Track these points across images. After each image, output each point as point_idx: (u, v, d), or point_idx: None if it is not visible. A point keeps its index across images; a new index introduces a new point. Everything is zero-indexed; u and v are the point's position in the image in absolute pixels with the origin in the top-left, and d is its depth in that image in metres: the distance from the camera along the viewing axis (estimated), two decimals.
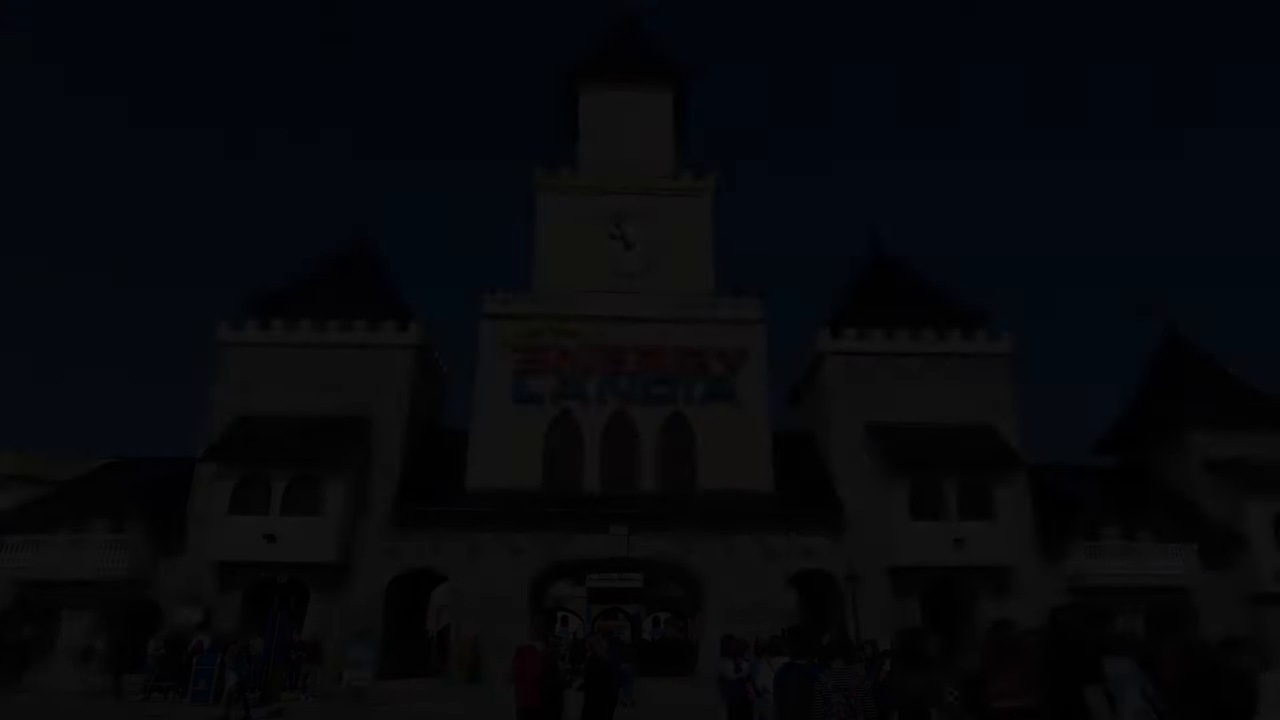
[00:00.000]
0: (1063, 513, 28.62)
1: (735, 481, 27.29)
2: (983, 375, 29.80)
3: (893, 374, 29.45)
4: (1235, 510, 29.93)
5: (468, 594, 25.34)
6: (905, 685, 7.12)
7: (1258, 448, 31.81)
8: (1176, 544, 27.99)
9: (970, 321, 31.44)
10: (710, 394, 28.22)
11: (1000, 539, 26.34)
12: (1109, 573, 26.89)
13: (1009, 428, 28.97)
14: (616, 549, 25.80)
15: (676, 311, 29.06)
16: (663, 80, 34.66)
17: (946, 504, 26.57)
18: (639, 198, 31.35)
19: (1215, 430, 32.02)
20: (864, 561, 26.56)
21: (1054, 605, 25.14)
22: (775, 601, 25.98)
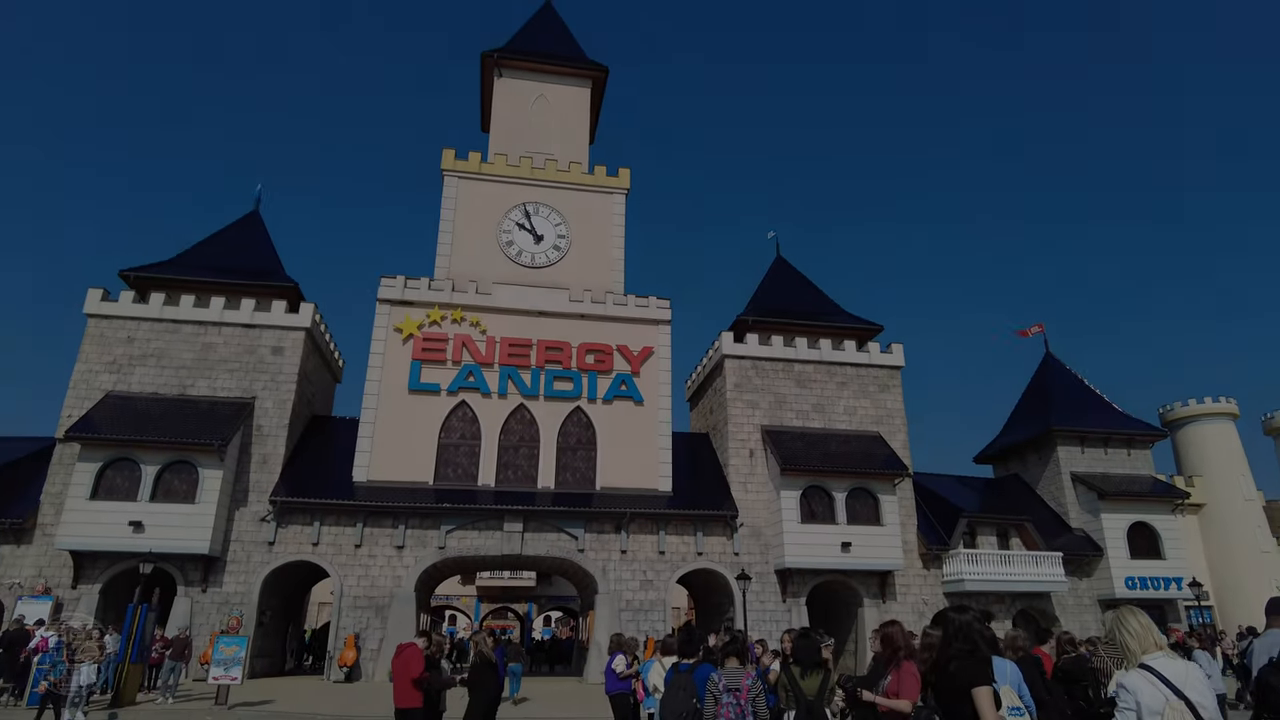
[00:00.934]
0: (944, 520, 29.93)
1: (634, 480, 27.22)
2: (875, 385, 30.85)
3: (791, 380, 30.11)
4: (1095, 521, 32.14)
5: (350, 590, 24.21)
6: (798, 686, 7.07)
7: (1114, 464, 34.33)
8: (1045, 552, 29.69)
9: (865, 334, 32.55)
10: (614, 392, 28.06)
11: (886, 543, 27.23)
12: (985, 577, 28.26)
13: (898, 437, 30.07)
14: (510, 547, 25.22)
15: (583, 307, 28.77)
16: (582, 73, 34.33)
17: (836, 508, 27.28)
18: (551, 190, 30.90)
19: (1079, 446, 34.38)
20: (755, 562, 26.99)
21: (937, 607, 26.25)
22: (666, 600, 26.04)
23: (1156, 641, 3.92)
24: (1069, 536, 31.99)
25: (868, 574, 27.63)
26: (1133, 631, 3.90)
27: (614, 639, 12.55)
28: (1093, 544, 31.70)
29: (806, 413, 29.77)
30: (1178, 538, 32.49)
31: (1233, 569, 35.26)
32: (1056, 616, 29.68)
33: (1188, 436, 39.56)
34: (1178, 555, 32.00)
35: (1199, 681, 3.73)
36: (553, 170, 31.14)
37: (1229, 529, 36.26)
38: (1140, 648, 3.88)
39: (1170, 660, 3.79)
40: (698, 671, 7.89)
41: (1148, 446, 35.47)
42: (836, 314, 33.31)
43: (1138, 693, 3.71)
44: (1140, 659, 3.84)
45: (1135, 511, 32.29)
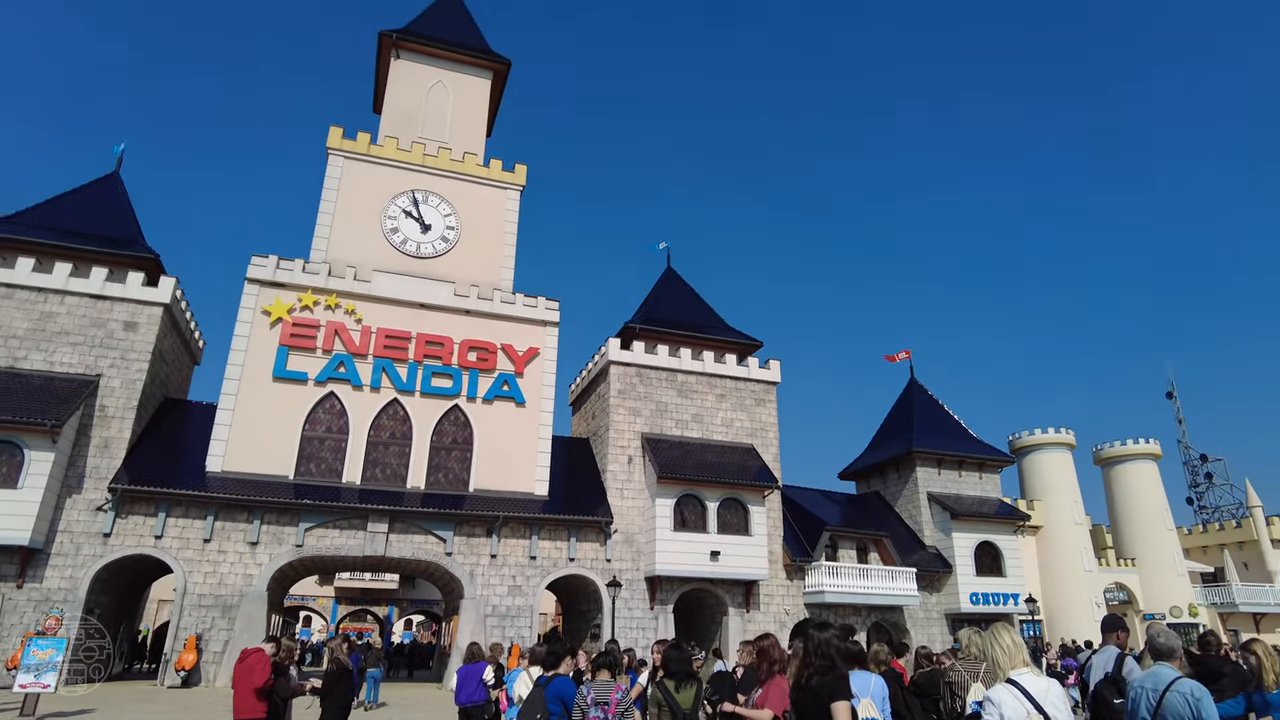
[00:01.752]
0: (809, 532, 30.96)
1: (509, 483, 26.70)
2: (752, 399, 31.60)
3: (673, 390, 30.41)
4: (946, 539, 34.11)
5: (195, 587, 22.50)
6: (674, 700, 7.01)
7: (967, 486, 36.61)
8: (901, 567, 31.20)
9: (746, 349, 33.33)
10: (495, 392, 27.45)
11: (753, 553, 27.86)
12: (844, 590, 29.38)
13: (770, 450, 30.89)
14: (374, 547, 24.15)
15: (469, 303, 28.02)
16: (484, 64, 33.52)
17: (708, 517, 27.70)
18: (443, 179, 29.97)
19: (936, 468, 36.47)
20: (627, 569, 27.03)
21: (798, 617, 26.99)
22: (534, 607, 25.66)
23: (1024, 659, 4.14)
24: (922, 553, 33.80)
25: (734, 583, 28.20)
26: (1004, 647, 4.15)
27: (472, 648, 12.16)
28: (943, 561, 33.61)
29: (686, 422, 30.14)
30: (1018, 557, 34.92)
31: (1061, 587, 38.23)
32: (908, 629, 31.25)
33: (1031, 463, 42.68)
34: (1017, 573, 34.39)
35: (1058, 698, 3.96)
36: (446, 159, 30.24)
37: (1060, 550, 39.31)
38: (1010, 663, 4.09)
39: (1035, 677, 4.01)
40: (550, 685, 7.70)
41: (997, 471, 38.03)
42: (721, 328, 33.95)
43: (1002, 705, 3.91)
44: (1009, 674, 4.04)
45: (983, 531, 34.50)
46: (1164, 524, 42.91)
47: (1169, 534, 42.71)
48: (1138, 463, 44.57)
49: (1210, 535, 47.30)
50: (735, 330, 34.03)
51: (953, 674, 7.41)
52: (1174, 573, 41.46)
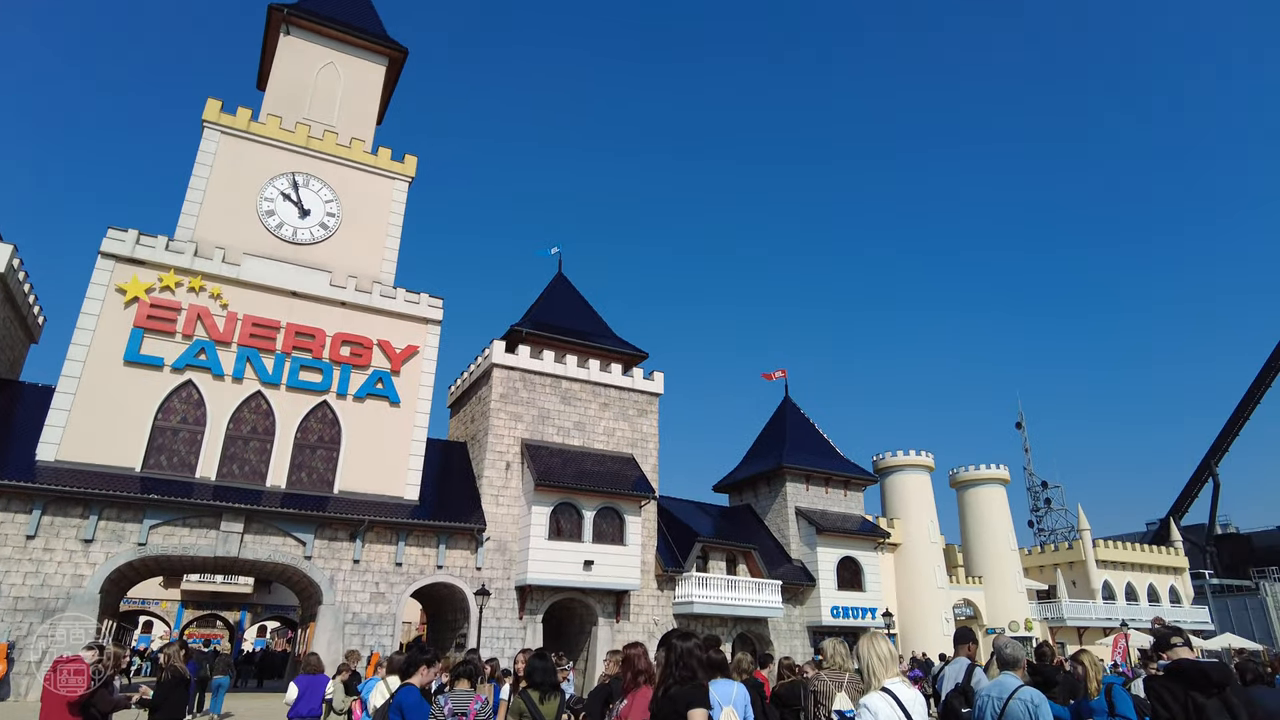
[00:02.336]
0: (681, 543, 31.34)
1: (378, 485, 25.68)
2: (634, 409, 31.76)
3: (557, 396, 30.15)
4: (812, 553, 35.32)
5: (11, 590, 20.30)
6: (538, 711, 6.83)
7: (833, 503, 38.09)
8: (767, 580, 32.03)
9: (631, 359, 33.50)
10: (368, 389, 26.35)
11: (627, 563, 27.92)
12: (713, 601, 29.87)
13: (649, 460, 31.11)
14: (227, 548, 22.60)
15: (346, 294, 26.81)
16: (380, 49, 32.27)
17: (584, 526, 27.57)
18: (326, 164, 28.62)
19: (805, 484, 37.77)
20: (497, 577, 26.50)
21: (668, 627, 27.25)
22: (398, 615, 24.74)
23: (898, 669, 4.40)
24: (788, 566, 34.87)
25: (606, 593, 28.15)
26: (881, 657, 4.37)
27: (311, 659, 11.54)
28: (808, 574, 34.78)
29: (568, 430, 29.93)
30: (877, 572, 36.58)
31: (915, 602, 40.26)
32: (771, 641, 32.11)
33: (893, 483, 44.83)
34: (876, 587, 36.01)
35: (921, 707, 4.26)
36: (332, 143, 28.91)
37: (916, 566, 41.43)
38: (885, 672, 4.32)
39: (905, 687, 4.25)
40: (398, 695, 7.40)
41: (861, 489, 39.77)
42: (608, 337, 34.00)
43: (877, 713, 4.15)
44: (884, 682, 4.27)
45: (846, 547, 35.94)
46: (1008, 545, 46.01)
47: (1012, 554, 45.83)
48: (988, 487, 47.63)
49: (1046, 556, 51.11)
50: (622, 340, 34.15)
51: (817, 683, 7.55)
52: (1014, 590, 44.51)
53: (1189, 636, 5.82)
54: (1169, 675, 4.93)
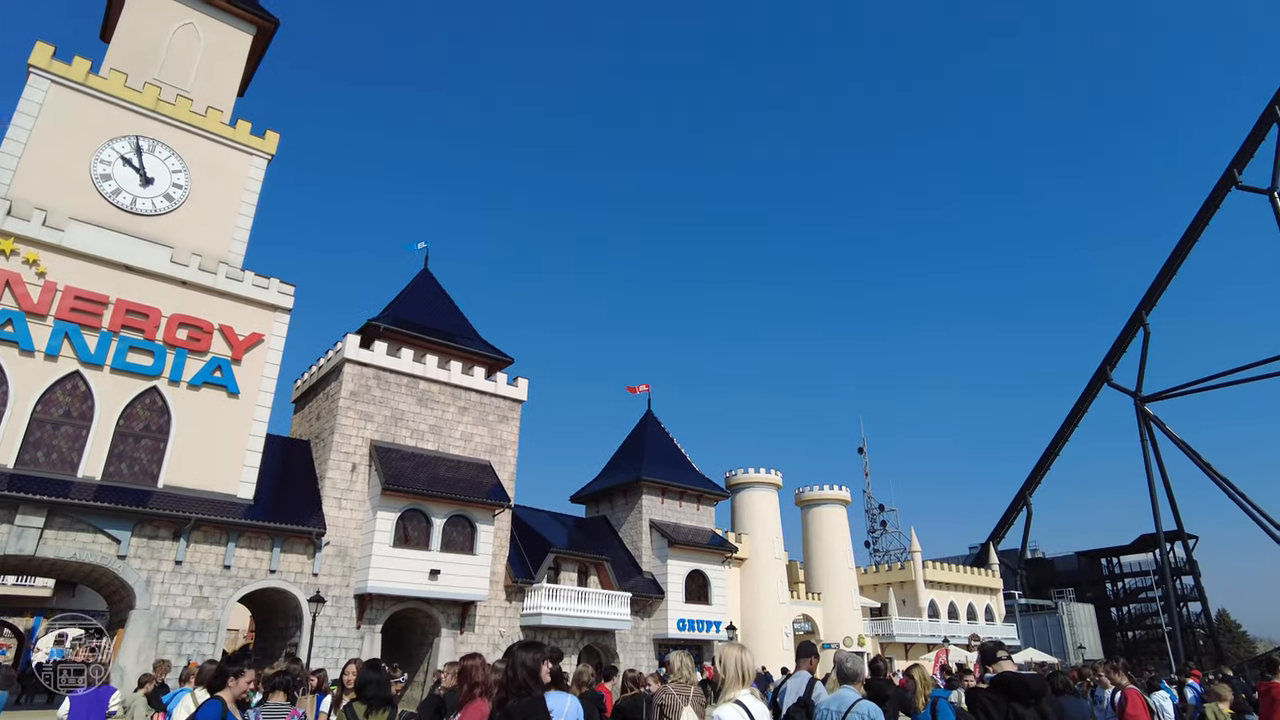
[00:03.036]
0: (534, 554, 30.92)
1: (209, 481, 23.74)
2: (495, 415, 31.11)
3: (413, 397, 29.06)
4: (663, 566, 35.76)
5: None
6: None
7: (686, 516, 38.78)
8: (618, 592, 32.11)
9: (496, 364, 32.85)
10: (205, 377, 24.36)
11: (476, 573, 27.20)
12: (562, 613, 29.59)
13: (507, 468, 30.53)
14: (21, 545, 20.14)
15: (187, 273, 24.71)
16: (248, 16, 30.06)
17: (432, 534, 26.65)
18: (177, 130, 26.35)
19: (661, 497, 38.26)
20: (335, 584, 25.15)
21: (514, 639, 26.69)
22: (222, 621, 22.93)
23: (750, 682, 4.43)
24: (639, 578, 35.13)
25: (451, 603, 27.31)
26: (744, 669, 4.36)
27: (91, 671, 10.47)
28: (657, 587, 35.17)
29: (423, 433, 28.90)
30: (723, 586, 37.48)
31: (757, 616, 41.55)
32: (618, 653, 32.18)
33: (743, 499, 46.20)
34: (721, 601, 36.87)
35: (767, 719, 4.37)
36: (185, 109, 26.68)
37: (760, 581, 42.81)
38: (741, 684, 4.33)
39: (755, 700, 4.28)
40: (200, 710, 6.79)
41: (714, 504, 40.73)
42: (472, 339, 33.18)
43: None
44: (736, 694, 4.26)
45: (695, 560, 36.63)
46: (846, 563, 48.43)
47: (849, 572, 48.28)
48: (830, 507, 50.03)
49: (880, 575, 54.20)
50: (487, 343, 33.43)
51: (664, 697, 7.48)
52: (850, 607, 46.88)
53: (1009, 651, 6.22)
54: (993, 686, 5.23)
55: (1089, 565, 76.16)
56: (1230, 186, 55.44)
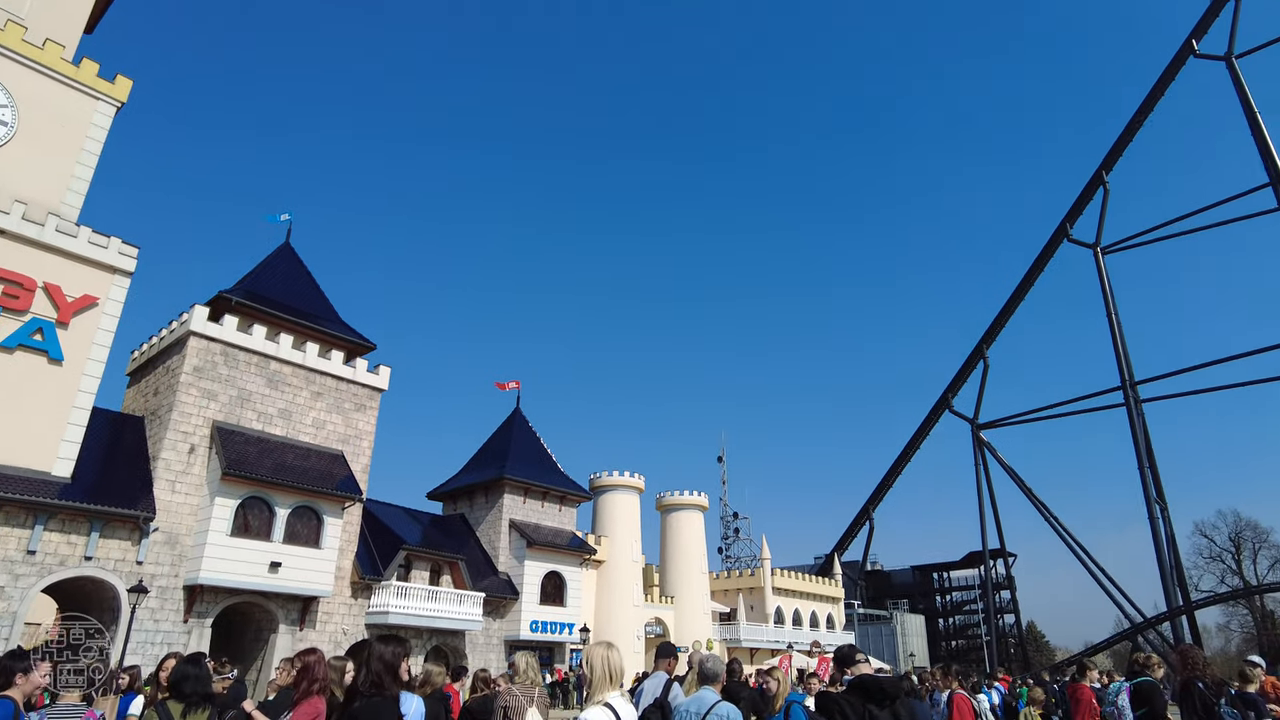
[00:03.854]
0: (385, 550, 29.67)
1: (18, 456, 21.22)
2: (352, 403, 29.66)
3: (263, 378, 27.23)
4: (519, 566, 35.22)
5: None
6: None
7: (547, 517, 38.43)
8: (471, 592, 31.32)
9: (357, 349, 31.34)
10: (21, 339, 21.79)
11: (320, 567, 25.78)
12: (411, 612, 28.53)
13: (361, 460, 29.16)
14: None
15: (8, 220, 22.02)
16: None
17: (275, 524, 25.05)
18: (7, 60, 23.51)
19: (523, 497, 37.73)
20: (163, 574, 23.15)
21: (357, 638, 25.46)
22: (19, 614, 20.56)
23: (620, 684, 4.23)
24: (494, 579, 34.45)
25: (292, 598, 25.75)
26: (614, 670, 4.20)
27: None
28: (513, 587, 34.59)
29: (271, 416, 27.12)
30: (579, 588, 37.34)
31: (612, 618, 41.70)
32: (466, 654, 31.36)
33: (605, 501, 46.31)
34: (576, 603, 36.71)
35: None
36: (16, 38, 23.82)
37: (616, 584, 43.01)
38: (610, 686, 4.14)
39: (623, 701, 4.12)
40: None
41: (576, 505, 40.56)
42: (333, 320, 31.52)
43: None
44: (605, 696, 4.08)
45: (553, 561, 36.31)
46: (700, 568, 49.47)
47: (702, 577, 49.33)
48: (688, 512, 50.99)
49: (731, 581, 55.72)
50: (348, 326, 31.85)
51: (508, 698, 7.22)
52: (701, 611, 47.88)
53: (853, 655, 6.34)
54: (850, 689, 5.31)
55: (922, 578, 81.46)
56: (1062, 239, 60.84)
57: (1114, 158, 59.32)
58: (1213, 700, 8.73)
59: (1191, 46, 56.27)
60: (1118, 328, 55.98)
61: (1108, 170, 59.39)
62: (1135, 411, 53.80)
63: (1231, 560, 66.78)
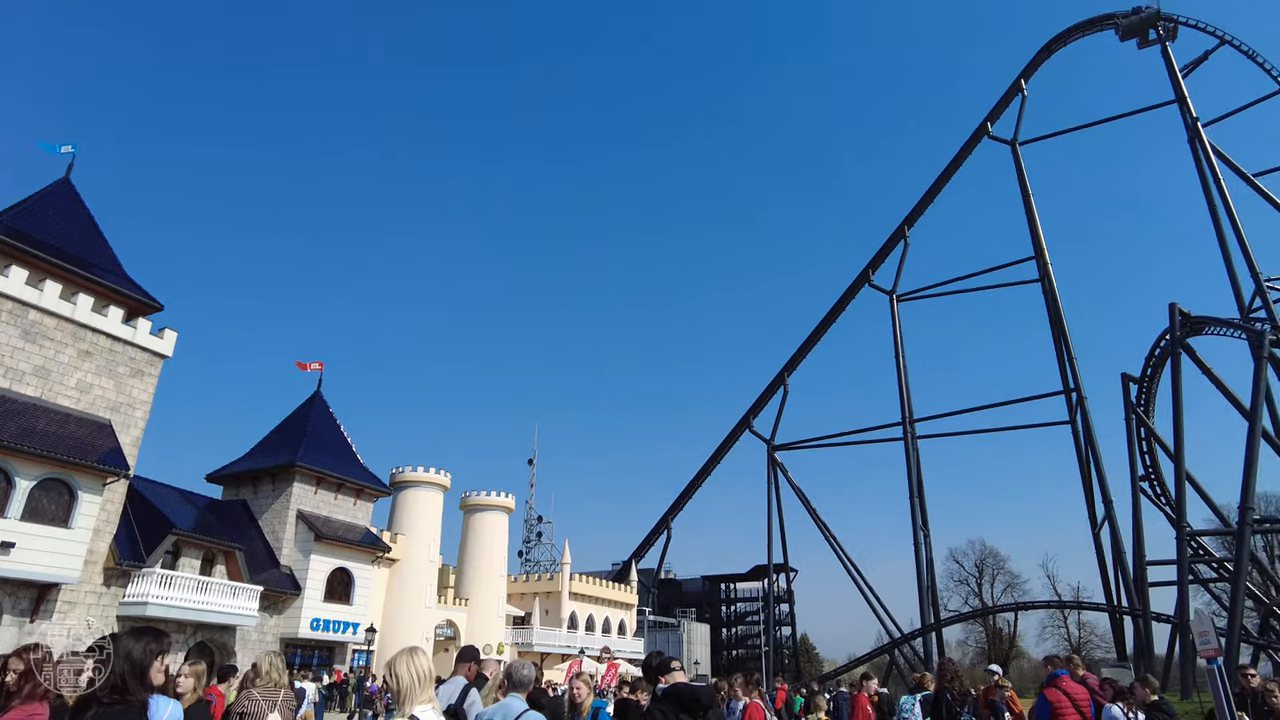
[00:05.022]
0: (151, 533, 26.60)
1: None
2: (128, 368, 26.41)
3: (18, 330, 23.58)
4: (305, 561, 32.87)
5: None
6: None
7: (341, 510, 36.20)
8: (246, 584, 28.77)
9: (141, 308, 27.97)
10: None
11: (67, 549, 22.62)
12: (174, 603, 25.77)
13: (132, 431, 26.00)
14: None
15: None
16: None
17: (13, 499, 21.69)
18: None
19: (315, 487, 35.30)
20: None
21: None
22: None
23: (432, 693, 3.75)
24: (275, 572, 31.89)
25: (24, 584, 22.38)
26: (420, 676, 3.67)
27: None
28: (295, 582, 32.19)
29: (23, 374, 23.52)
30: (369, 586, 35.42)
31: (400, 620, 39.86)
32: (236, 652, 28.71)
33: (406, 498, 44.34)
34: (364, 602, 34.77)
35: None
36: None
37: (409, 584, 41.21)
38: (421, 694, 3.64)
39: (433, 713, 3.69)
40: None
41: (374, 500, 38.52)
42: (114, 272, 27.92)
43: None
44: (414, 708, 3.61)
45: (343, 557, 34.21)
46: (499, 571, 48.60)
47: (500, 579, 48.48)
48: (493, 513, 49.98)
49: (529, 584, 55.20)
50: (133, 281, 28.37)
51: (246, 703, 6.36)
52: (495, 614, 46.98)
53: (676, 663, 6.28)
54: (665, 697, 5.20)
55: (711, 588, 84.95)
56: (864, 283, 66.14)
57: (915, 215, 65.37)
58: (957, 708, 9.70)
59: (986, 128, 63.32)
60: (904, 371, 61.53)
61: (909, 226, 65.32)
62: (911, 446, 59.29)
63: (975, 583, 75.33)
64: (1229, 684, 8.19)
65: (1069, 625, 71.30)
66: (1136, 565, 44.29)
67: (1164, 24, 57.49)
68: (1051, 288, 57.76)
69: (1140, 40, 58.80)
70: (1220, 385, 43.83)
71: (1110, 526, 49.27)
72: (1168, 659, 41.73)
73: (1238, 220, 48.24)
